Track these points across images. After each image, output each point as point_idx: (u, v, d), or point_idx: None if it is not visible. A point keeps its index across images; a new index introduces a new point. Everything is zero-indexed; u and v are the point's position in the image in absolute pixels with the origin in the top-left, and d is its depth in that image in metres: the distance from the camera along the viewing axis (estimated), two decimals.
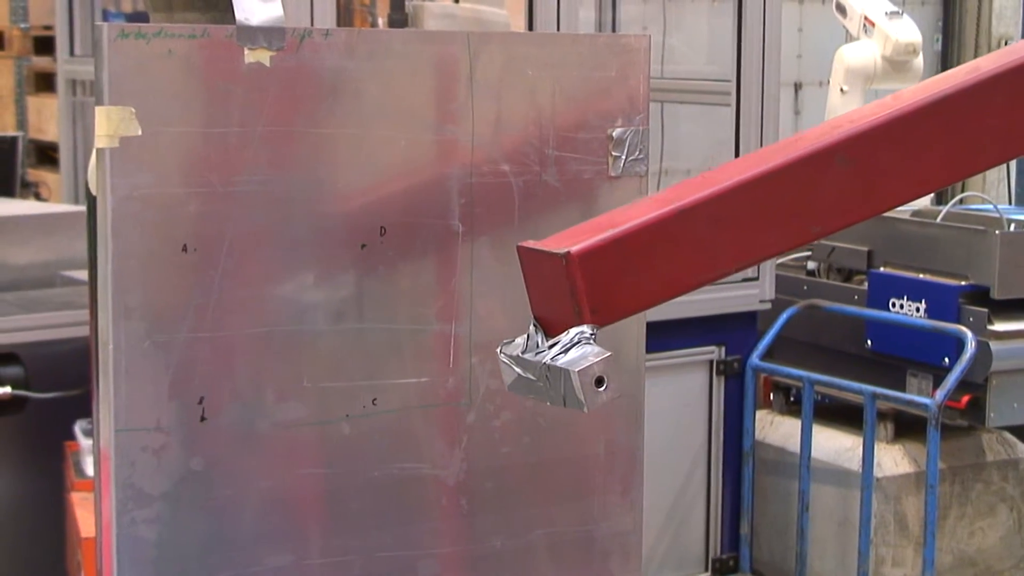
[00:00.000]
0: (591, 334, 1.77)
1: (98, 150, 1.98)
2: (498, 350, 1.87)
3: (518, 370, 1.83)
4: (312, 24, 3.82)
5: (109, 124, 1.95)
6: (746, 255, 1.91)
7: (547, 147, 2.27)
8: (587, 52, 2.31)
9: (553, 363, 1.77)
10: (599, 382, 1.75)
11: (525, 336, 1.83)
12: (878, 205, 1.92)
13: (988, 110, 1.89)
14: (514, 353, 1.84)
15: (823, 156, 1.85)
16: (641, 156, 2.35)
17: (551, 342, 1.79)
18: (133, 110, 1.96)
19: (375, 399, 2.19)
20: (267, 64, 2.05)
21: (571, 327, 1.78)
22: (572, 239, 1.79)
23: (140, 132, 1.97)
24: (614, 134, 2.31)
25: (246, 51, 2.03)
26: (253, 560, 2.13)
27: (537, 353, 1.80)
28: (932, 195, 6.33)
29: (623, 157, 2.33)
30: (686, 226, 1.82)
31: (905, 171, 1.89)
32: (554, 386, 1.78)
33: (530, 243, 1.84)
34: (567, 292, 1.77)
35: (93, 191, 2.07)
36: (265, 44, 2.04)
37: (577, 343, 1.77)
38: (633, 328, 2.40)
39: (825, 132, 1.88)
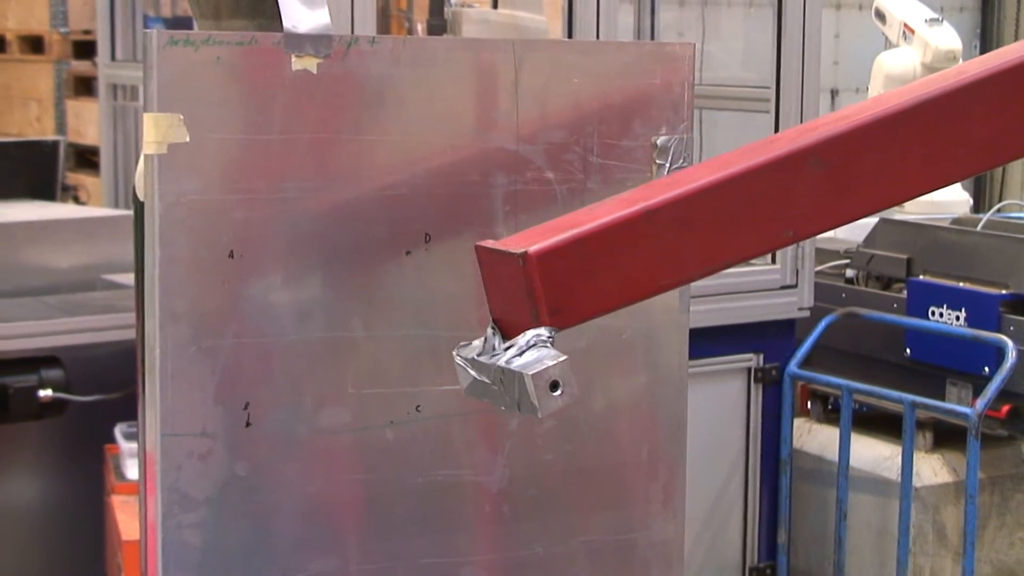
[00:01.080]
0: (548, 337, 1.72)
1: (146, 156, 1.99)
2: (454, 352, 1.82)
3: (473, 373, 1.78)
4: (353, 30, 3.83)
5: (157, 131, 1.96)
6: (715, 259, 1.83)
7: (591, 155, 2.27)
8: (631, 60, 2.31)
9: (507, 366, 1.71)
10: (554, 386, 1.70)
11: (483, 339, 1.79)
12: (854, 210, 1.85)
13: (970, 116, 1.82)
14: (470, 356, 1.79)
15: (797, 158, 1.78)
16: (685, 164, 2.35)
17: (507, 345, 1.74)
18: (181, 117, 1.97)
19: (418, 405, 2.20)
20: (313, 71, 2.05)
21: (530, 330, 1.72)
22: (531, 239, 1.74)
23: (188, 139, 1.98)
24: (658, 142, 2.31)
25: (293, 58, 2.04)
26: (296, 565, 2.14)
27: (492, 356, 1.75)
28: (971, 203, 6.31)
29: (667, 165, 2.33)
30: (651, 228, 1.76)
31: (882, 176, 1.82)
32: (508, 390, 1.73)
33: (488, 243, 1.79)
34: (525, 293, 1.71)
35: (141, 197, 2.08)
36: (312, 51, 2.05)
37: (533, 346, 1.71)
38: (675, 337, 2.40)
39: (800, 134, 1.81)
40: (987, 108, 1.83)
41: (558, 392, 1.70)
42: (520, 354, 1.72)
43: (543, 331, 1.72)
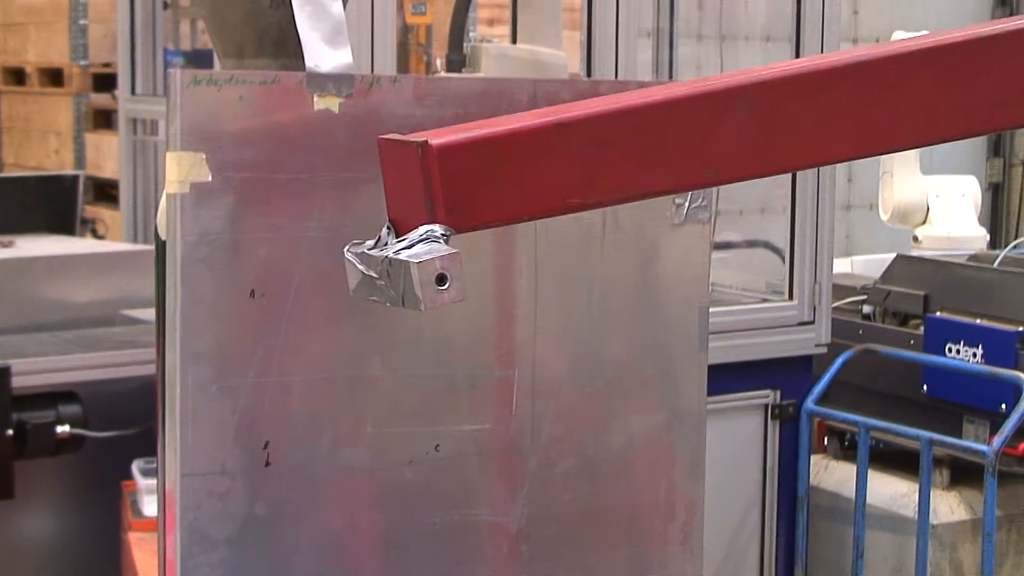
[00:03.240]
0: (442, 234, 1.64)
1: (168, 195, 2.00)
2: (345, 249, 1.73)
3: (361, 268, 1.70)
4: (373, 66, 3.85)
5: (180, 170, 1.97)
6: (629, 185, 1.76)
7: None
8: None
9: (395, 257, 1.64)
10: (441, 279, 1.61)
11: (376, 238, 1.71)
12: (778, 160, 1.80)
13: (905, 85, 1.78)
14: (359, 251, 1.71)
15: (724, 97, 1.74)
16: (704, 203, 2.35)
17: (399, 240, 1.67)
18: (204, 156, 1.98)
19: (437, 445, 2.20)
20: (336, 110, 2.06)
21: (423, 225, 1.65)
22: (438, 134, 1.67)
23: (210, 178, 1.99)
24: None
25: (315, 97, 2.05)
26: None
27: (382, 249, 1.68)
28: (988, 239, 6.31)
29: (687, 204, 2.34)
30: (563, 141, 1.69)
31: (811, 132, 1.77)
32: (394, 283, 1.65)
33: (392, 135, 1.71)
34: (422, 187, 1.64)
35: (162, 235, 2.09)
36: (334, 91, 2.05)
37: (425, 239, 1.64)
38: (693, 375, 2.40)
39: (734, 75, 1.77)
40: (923, 80, 1.78)
41: (445, 286, 1.62)
42: (410, 247, 1.64)
43: (437, 227, 1.65)
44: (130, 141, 5.79)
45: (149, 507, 3.62)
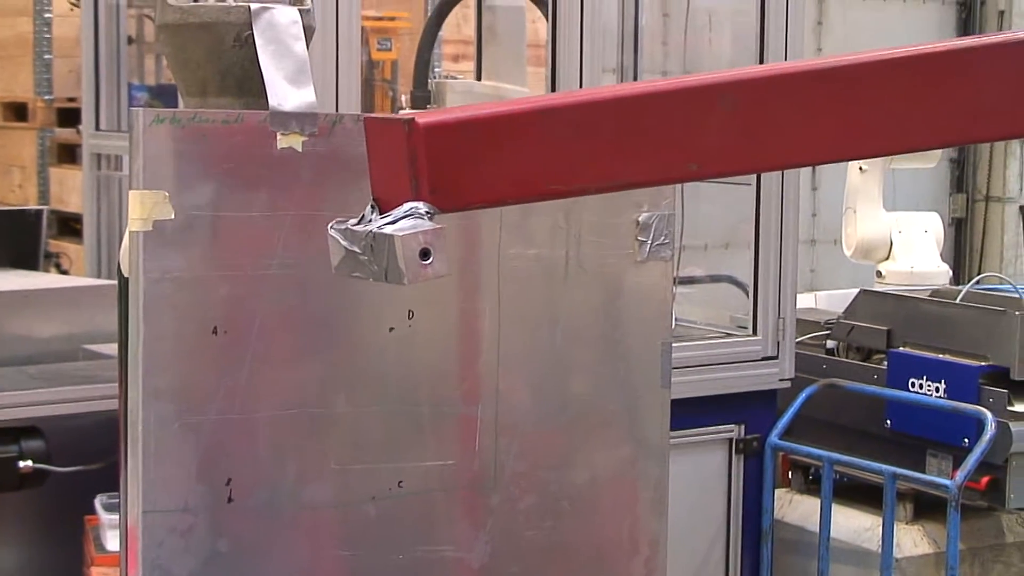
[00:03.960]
0: (426, 212, 1.65)
1: (131, 233, 2.00)
2: (328, 226, 1.73)
3: (345, 244, 1.70)
4: (337, 104, 3.85)
5: (143, 208, 1.97)
6: (611, 174, 1.77)
7: (574, 231, 2.29)
8: None
9: (379, 231, 1.64)
10: (424, 254, 1.63)
11: (360, 216, 1.72)
12: (760, 158, 1.83)
13: (889, 91, 1.81)
14: (343, 227, 1.72)
15: (707, 92, 1.77)
16: (667, 241, 2.36)
17: (383, 216, 1.68)
18: (166, 194, 1.99)
19: (401, 481, 2.20)
20: (299, 149, 2.07)
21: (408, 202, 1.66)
22: (424, 114, 1.68)
23: (173, 216, 1.99)
24: (640, 219, 2.33)
25: (279, 136, 2.06)
26: None
27: (367, 225, 1.69)
28: (951, 274, 6.35)
29: (649, 242, 2.35)
30: (547, 127, 1.71)
31: (792, 131, 1.80)
32: (377, 257, 1.65)
33: (378, 114, 1.73)
34: (407, 164, 1.65)
35: (125, 273, 2.09)
36: (298, 129, 2.06)
37: (409, 215, 1.64)
38: (656, 411, 2.41)
39: (718, 73, 1.81)
40: (903, 86, 1.82)
41: (428, 260, 1.63)
42: (394, 222, 1.65)
43: (421, 205, 1.65)
44: (94, 176, 5.77)
45: (112, 542, 3.59)
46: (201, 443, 2.04)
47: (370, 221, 1.68)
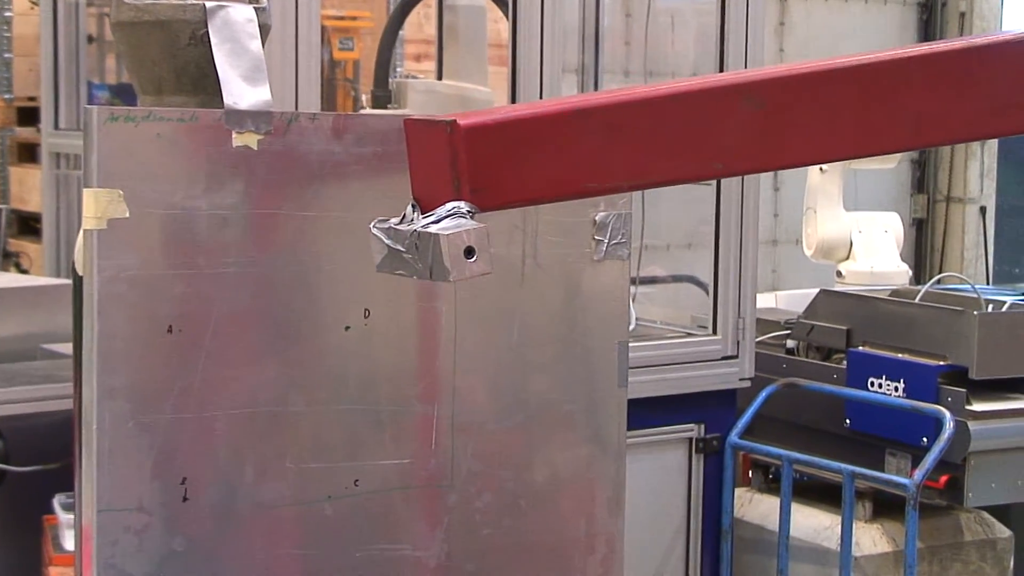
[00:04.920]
0: (468, 211, 1.69)
1: (85, 231, 1.99)
2: (371, 225, 1.78)
3: (388, 242, 1.74)
4: (297, 102, 3.84)
5: (97, 206, 1.97)
6: (642, 173, 1.83)
7: (532, 230, 2.29)
8: None
9: (423, 230, 1.69)
10: (469, 252, 1.67)
11: (401, 215, 1.76)
12: (783, 156, 1.88)
13: (908, 88, 1.86)
14: (387, 226, 1.76)
15: (733, 92, 1.82)
16: (623, 240, 2.37)
17: (426, 215, 1.72)
18: (121, 192, 1.98)
19: (357, 480, 2.20)
20: (254, 147, 2.07)
21: (450, 202, 1.71)
22: (465, 115, 1.73)
23: (128, 214, 1.99)
24: (597, 218, 2.33)
25: (234, 134, 2.05)
26: None
27: (410, 224, 1.73)
28: (911, 274, 6.38)
29: (606, 241, 2.36)
30: (581, 127, 1.77)
31: (815, 129, 1.85)
32: (422, 255, 1.69)
33: (418, 116, 1.78)
34: (449, 165, 1.70)
35: (79, 271, 2.08)
36: (253, 128, 2.06)
37: (452, 215, 1.69)
38: (613, 410, 2.41)
39: (741, 73, 1.86)
40: (923, 83, 1.87)
41: (473, 259, 1.67)
42: (438, 221, 1.69)
43: (463, 204, 1.69)
44: (53, 175, 5.74)
45: (70, 542, 3.58)
46: (156, 442, 2.03)
47: (413, 220, 1.72)
